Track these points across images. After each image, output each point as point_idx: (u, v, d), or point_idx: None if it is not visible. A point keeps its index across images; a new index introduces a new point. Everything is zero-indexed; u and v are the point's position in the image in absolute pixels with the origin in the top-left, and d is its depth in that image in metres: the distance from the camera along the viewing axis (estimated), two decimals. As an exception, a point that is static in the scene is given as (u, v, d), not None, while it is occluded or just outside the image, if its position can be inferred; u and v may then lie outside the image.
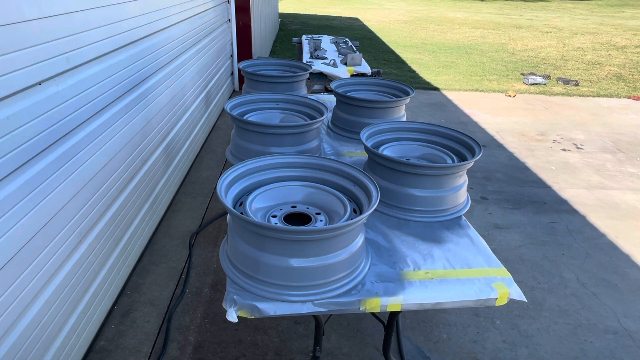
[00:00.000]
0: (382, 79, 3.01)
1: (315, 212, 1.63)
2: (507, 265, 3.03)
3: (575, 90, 7.73)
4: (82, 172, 2.11)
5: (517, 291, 1.54)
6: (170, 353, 2.27)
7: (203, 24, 4.65)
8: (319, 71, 4.34)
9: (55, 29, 1.86)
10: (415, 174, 1.86)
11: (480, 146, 1.96)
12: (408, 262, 1.63)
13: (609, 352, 2.42)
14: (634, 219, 3.72)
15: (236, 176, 1.66)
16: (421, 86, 7.57)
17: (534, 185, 4.22)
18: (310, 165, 1.78)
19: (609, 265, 3.12)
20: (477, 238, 1.80)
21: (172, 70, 3.53)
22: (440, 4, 24.77)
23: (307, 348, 2.34)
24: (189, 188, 3.87)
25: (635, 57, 10.81)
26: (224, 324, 2.45)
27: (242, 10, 6.32)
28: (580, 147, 5.20)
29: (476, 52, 11.03)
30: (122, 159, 2.58)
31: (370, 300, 1.46)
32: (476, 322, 2.56)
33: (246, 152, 2.18)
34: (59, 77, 1.90)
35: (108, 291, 2.46)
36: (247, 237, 1.43)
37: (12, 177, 1.61)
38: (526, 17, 19.81)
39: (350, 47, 5.60)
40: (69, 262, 2.04)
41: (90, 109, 2.18)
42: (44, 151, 1.80)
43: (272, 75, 3.04)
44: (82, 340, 2.19)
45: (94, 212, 2.25)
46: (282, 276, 1.40)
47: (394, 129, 2.23)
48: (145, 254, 2.99)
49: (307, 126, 2.15)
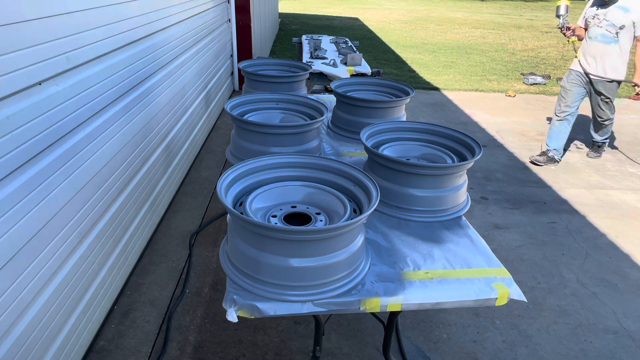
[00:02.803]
0: (382, 79, 3.01)
1: (315, 212, 1.63)
2: (507, 265, 3.03)
3: (575, 90, 7.71)
4: (82, 172, 2.11)
5: (517, 291, 1.54)
6: (170, 353, 2.27)
7: (203, 24, 4.64)
8: (319, 71, 4.33)
9: (55, 29, 1.86)
10: (415, 174, 1.85)
11: (480, 146, 1.96)
12: (408, 262, 1.63)
13: (609, 352, 2.42)
14: (633, 219, 3.72)
15: (236, 176, 1.66)
16: (421, 86, 7.57)
17: (534, 185, 4.22)
18: (310, 165, 1.77)
19: (609, 265, 3.12)
20: (477, 238, 1.80)
21: (172, 70, 3.53)
22: (440, 4, 24.76)
23: (307, 348, 2.34)
24: (189, 188, 3.87)
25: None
26: (224, 324, 2.45)
27: (242, 10, 6.32)
28: (580, 147, 5.20)
29: (476, 52, 11.03)
30: (122, 159, 2.58)
31: (370, 300, 1.46)
32: (476, 322, 2.56)
33: (246, 152, 2.18)
34: (59, 77, 1.90)
35: (108, 291, 2.46)
36: (247, 237, 1.43)
37: (12, 177, 1.61)
38: (526, 17, 19.81)
39: (350, 47, 5.60)
40: (69, 262, 2.04)
41: (90, 109, 2.18)
42: (44, 151, 1.80)
43: (272, 75, 3.04)
44: (82, 340, 2.19)
45: (94, 212, 2.25)
46: (282, 276, 1.40)
47: (394, 129, 2.23)
48: (145, 254, 2.99)
49: (307, 126, 2.14)
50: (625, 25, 4.10)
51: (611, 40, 4.20)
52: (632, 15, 4.06)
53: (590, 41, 4.33)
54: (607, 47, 4.24)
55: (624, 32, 4.14)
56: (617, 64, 4.28)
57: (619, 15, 4.12)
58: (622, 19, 4.10)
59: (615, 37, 4.17)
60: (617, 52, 4.23)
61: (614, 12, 4.14)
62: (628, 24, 4.09)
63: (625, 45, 4.20)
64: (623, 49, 4.22)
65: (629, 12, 4.08)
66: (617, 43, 4.19)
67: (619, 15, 4.11)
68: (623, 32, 4.14)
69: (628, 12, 4.08)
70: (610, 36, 4.19)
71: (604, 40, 4.23)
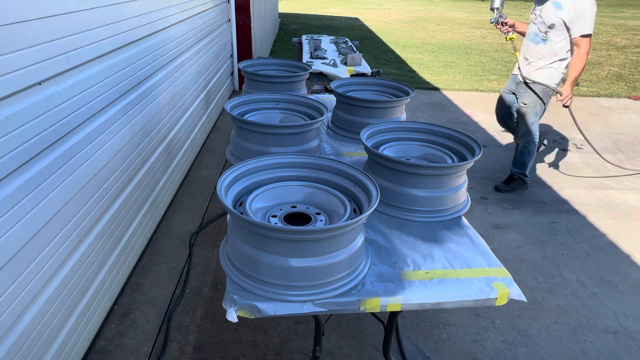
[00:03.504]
0: (382, 79, 3.01)
1: (315, 212, 1.63)
2: (507, 265, 3.03)
3: (575, 90, 7.70)
4: (82, 172, 2.11)
5: (517, 291, 1.54)
6: (170, 353, 2.27)
7: (203, 23, 4.64)
8: (319, 71, 4.33)
9: (55, 29, 1.86)
10: (415, 174, 1.85)
11: (480, 146, 1.96)
12: (408, 262, 1.63)
13: (609, 352, 2.42)
14: (634, 219, 3.72)
15: (236, 176, 1.66)
16: (421, 86, 7.57)
17: (534, 185, 4.22)
18: (310, 165, 1.77)
19: (609, 265, 3.12)
20: (477, 238, 1.80)
21: (172, 70, 3.53)
22: (440, 4, 24.76)
23: (307, 348, 2.34)
24: (189, 188, 3.87)
25: (635, 57, 10.81)
26: (224, 324, 2.45)
27: (242, 10, 6.32)
28: (580, 147, 5.20)
29: (476, 52, 11.03)
30: (122, 159, 2.58)
31: (370, 300, 1.46)
32: (476, 322, 2.56)
33: (246, 152, 2.18)
34: (59, 77, 1.90)
35: (108, 291, 2.46)
36: (247, 237, 1.43)
37: (12, 177, 1.61)
38: (526, 17, 19.79)
39: (350, 47, 5.60)
40: (69, 262, 2.04)
41: (90, 109, 2.18)
42: (44, 151, 1.80)
43: (272, 75, 3.04)
44: (82, 340, 2.19)
45: (93, 212, 2.25)
46: (282, 276, 1.40)
47: (394, 129, 2.23)
48: (145, 254, 2.99)
49: (307, 126, 2.15)
50: (555, 25, 3.52)
51: (540, 40, 3.65)
52: (563, 13, 3.46)
53: (525, 39, 3.83)
54: (535, 47, 3.70)
55: (554, 32, 3.55)
56: (544, 68, 3.68)
57: (550, 12, 3.54)
58: (552, 17, 3.52)
59: (544, 36, 3.61)
60: (547, 54, 3.64)
61: (547, 8, 3.57)
62: (558, 23, 3.50)
63: (560, 47, 3.59)
64: (556, 51, 3.61)
65: (561, 9, 3.47)
66: (547, 43, 3.62)
67: (550, 13, 3.54)
68: (554, 32, 3.55)
69: (560, 9, 3.48)
70: (540, 35, 3.64)
71: (534, 40, 3.70)
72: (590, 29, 3.45)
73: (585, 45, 3.48)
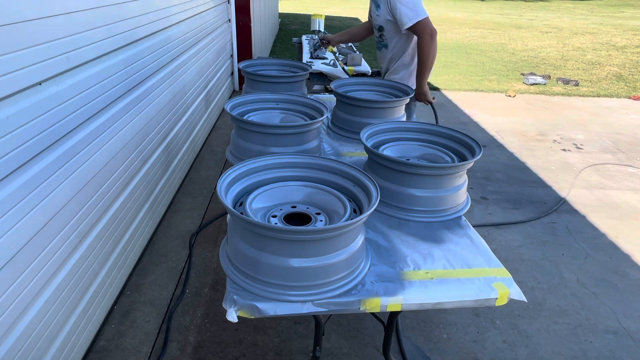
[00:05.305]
0: (382, 79, 3.00)
1: (315, 212, 1.63)
2: (507, 265, 3.03)
3: (575, 90, 7.72)
4: (82, 172, 2.11)
5: (517, 291, 1.54)
6: (170, 353, 2.27)
7: (203, 24, 4.64)
8: (319, 71, 4.33)
9: (55, 29, 1.86)
10: (415, 174, 1.85)
11: (480, 146, 1.96)
12: (408, 262, 1.63)
13: (609, 352, 2.42)
14: (634, 219, 3.72)
15: (236, 176, 1.66)
16: (421, 86, 7.56)
17: (534, 185, 4.22)
18: (310, 165, 1.77)
19: (609, 265, 3.12)
20: (477, 238, 1.80)
21: (172, 70, 3.53)
22: (440, 4, 24.76)
23: (307, 348, 2.34)
24: (189, 188, 3.87)
25: (635, 57, 10.81)
26: (224, 324, 2.45)
27: (242, 10, 6.32)
28: (580, 147, 5.20)
29: (476, 52, 11.03)
30: (122, 159, 2.58)
31: (370, 300, 1.46)
32: (476, 322, 2.56)
33: (246, 152, 2.18)
34: (59, 77, 1.90)
35: (108, 291, 2.47)
36: (247, 237, 1.43)
37: (12, 177, 1.61)
38: (526, 17, 19.80)
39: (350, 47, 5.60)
40: (69, 262, 2.04)
41: (90, 109, 2.18)
42: (44, 151, 1.80)
43: (272, 75, 3.03)
44: (82, 340, 2.19)
45: (94, 212, 2.25)
46: (282, 276, 1.40)
47: (394, 129, 2.23)
48: (145, 254, 2.99)
49: (307, 126, 2.14)
50: (384, 28, 3.07)
51: (381, 46, 3.23)
52: (381, 11, 3.01)
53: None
54: (379, 53, 3.30)
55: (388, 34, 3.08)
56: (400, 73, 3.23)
57: (375, 14, 3.09)
58: (377, 19, 3.08)
59: (381, 40, 3.18)
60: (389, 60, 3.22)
61: (373, 9, 3.12)
62: (387, 26, 3.05)
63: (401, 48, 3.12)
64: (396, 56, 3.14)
65: (379, 8, 3.02)
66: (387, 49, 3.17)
67: (375, 15, 3.10)
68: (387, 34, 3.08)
69: (379, 8, 3.02)
70: (378, 40, 3.22)
71: (377, 46, 3.30)
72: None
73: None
